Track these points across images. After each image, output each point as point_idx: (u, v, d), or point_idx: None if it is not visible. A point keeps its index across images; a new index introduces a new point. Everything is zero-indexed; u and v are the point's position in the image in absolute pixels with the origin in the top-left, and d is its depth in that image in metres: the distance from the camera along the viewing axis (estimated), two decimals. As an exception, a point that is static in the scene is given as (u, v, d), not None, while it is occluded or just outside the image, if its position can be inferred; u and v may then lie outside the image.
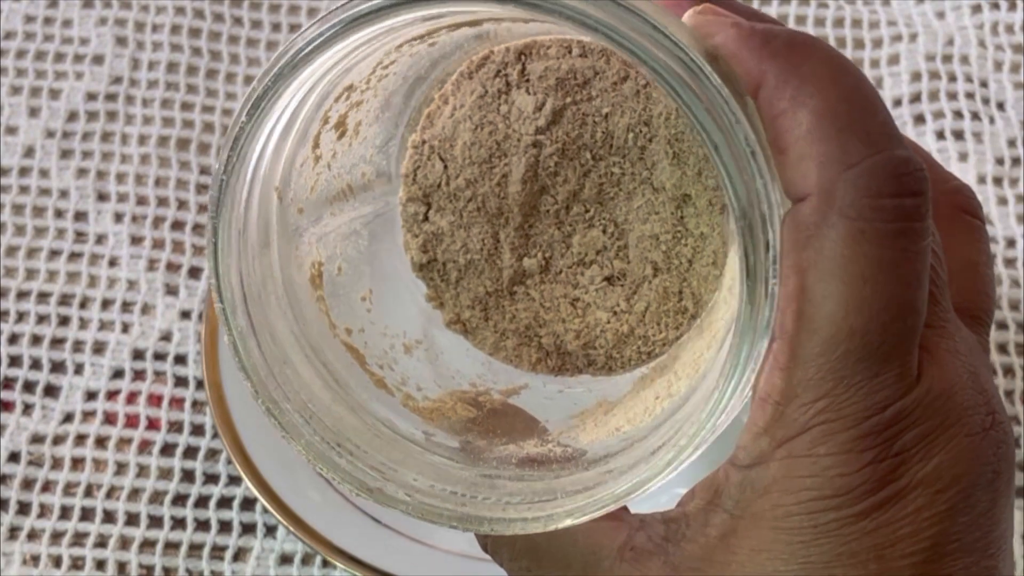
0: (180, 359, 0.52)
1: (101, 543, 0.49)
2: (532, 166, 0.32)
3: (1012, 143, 0.54)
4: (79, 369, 0.52)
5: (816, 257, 0.25)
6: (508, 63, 0.32)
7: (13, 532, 0.49)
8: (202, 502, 0.49)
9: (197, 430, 0.50)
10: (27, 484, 0.50)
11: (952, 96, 0.55)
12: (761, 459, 0.26)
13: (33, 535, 0.49)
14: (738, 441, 0.27)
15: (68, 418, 0.51)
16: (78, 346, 0.52)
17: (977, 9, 0.57)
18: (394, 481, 0.30)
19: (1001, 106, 0.55)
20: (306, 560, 0.48)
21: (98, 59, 0.58)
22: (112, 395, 0.51)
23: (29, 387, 0.51)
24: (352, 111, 0.33)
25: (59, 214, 0.55)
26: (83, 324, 0.53)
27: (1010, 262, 0.52)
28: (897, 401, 0.25)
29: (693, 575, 0.27)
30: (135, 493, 0.49)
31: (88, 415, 0.51)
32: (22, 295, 0.53)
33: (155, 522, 0.49)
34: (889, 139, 0.25)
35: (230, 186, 0.30)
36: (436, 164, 0.33)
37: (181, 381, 0.51)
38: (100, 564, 0.48)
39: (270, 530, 0.49)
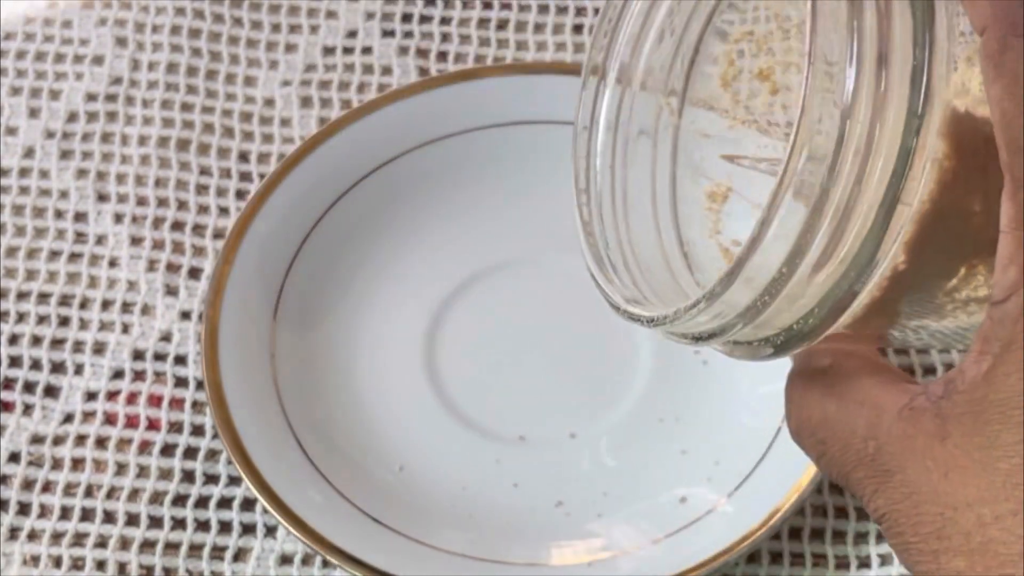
0: (180, 360, 0.52)
1: (101, 543, 0.49)
2: None
3: None
4: (79, 370, 0.52)
5: (999, 83, 0.26)
6: None
7: (13, 532, 0.49)
8: (202, 502, 0.49)
9: (197, 430, 0.50)
10: (27, 484, 0.50)
11: None
12: (1013, 289, 0.26)
13: (33, 535, 0.49)
14: (992, 281, 0.27)
15: (68, 418, 0.51)
16: (78, 347, 0.52)
17: None
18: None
19: None
20: (306, 560, 0.48)
21: (98, 60, 0.58)
22: (112, 396, 0.51)
23: (29, 387, 0.51)
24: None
25: (59, 215, 0.55)
26: (83, 325, 0.53)
27: None
28: None
29: (958, 421, 0.27)
30: (135, 493, 0.49)
31: (88, 416, 0.51)
32: (22, 296, 0.53)
33: (155, 522, 0.49)
34: None
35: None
36: None
37: (181, 382, 0.51)
38: (100, 564, 0.48)
39: (270, 530, 0.49)
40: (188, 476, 0.50)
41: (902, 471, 0.29)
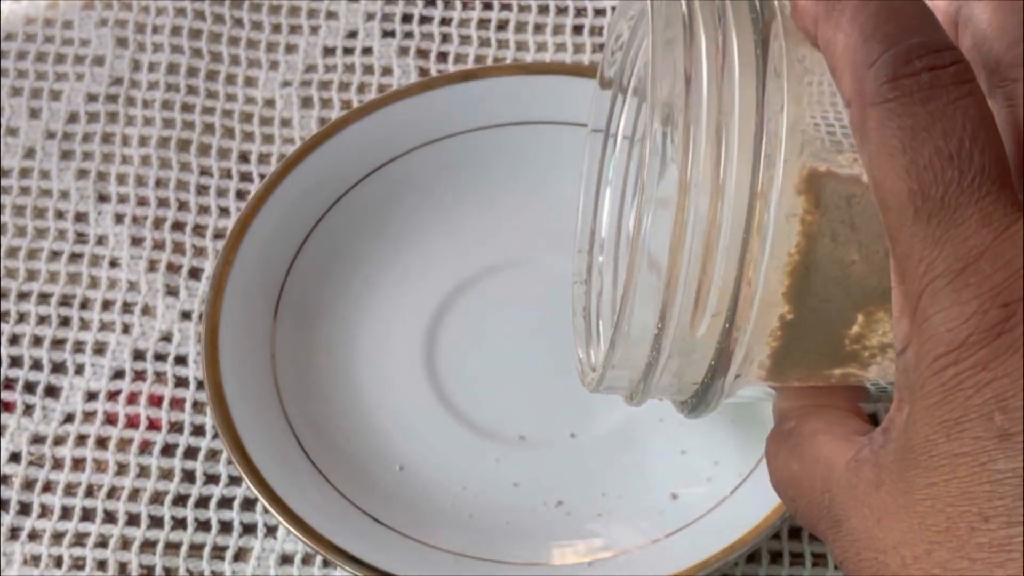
0: (180, 360, 0.52)
1: (102, 543, 0.49)
2: None
3: None
4: (80, 370, 0.52)
5: (865, 150, 0.27)
6: None
7: (14, 532, 0.49)
8: (203, 502, 0.49)
9: (198, 430, 0.50)
10: (28, 484, 0.50)
11: None
12: (907, 340, 0.27)
13: (34, 535, 0.49)
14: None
15: (69, 419, 0.51)
16: (79, 347, 0.52)
17: None
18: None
19: None
20: (306, 560, 0.48)
21: (98, 60, 0.58)
22: (113, 396, 0.51)
23: (30, 388, 0.51)
24: None
25: (60, 215, 0.55)
26: (84, 325, 0.53)
27: None
28: (989, 247, 0.25)
29: (888, 469, 0.28)
30: (136, 493, 0.49)
31: (89, 416, 0.51)
32: (23, 296, 0.53)
33: (156, 522, 0.49)
34: (911, 32, 0.27)
35: None
36: None
37: (181, 382, 0.51)
38: (101, 564, 0.48)
39: (270, 530, 0.49)
40: (188, 476, 0.50)
41: (847, 519, 0.30)
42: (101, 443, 0.50)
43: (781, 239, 0.30)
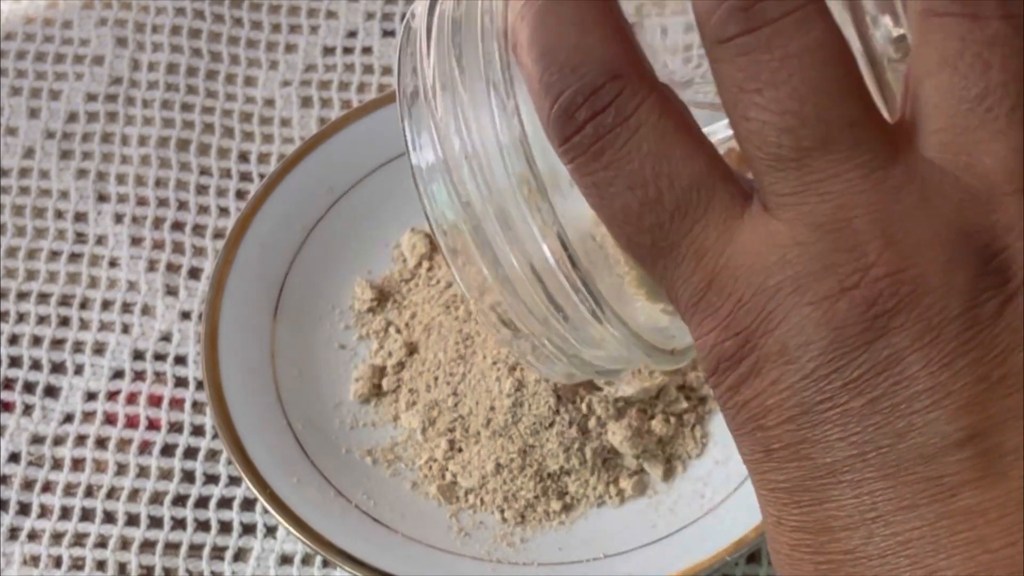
0: (180, 360, 0.52)
1: (101, 543, 0.49)
2: None
3: None
4: (79, 370, 0.52)
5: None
6: None
7: (13, 532, 0.49)
8: (202, 503, 0.49)
9: (197, 431, 0.50)
10: (27, 485, 0.50)
11: None
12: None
13: (33, 535, 0.49)
14: None
15: (68, 419, 0.51)
16: (78, 347, 0.52)
17: None
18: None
19: None
20: (306, 560, 0.48)
21: (98, 60, 0.58)
22: (112, 396, 0.51)
23: (29, 388, 0.51)
24: None
25: (59, 215, 0.55)
26: (83, 325, 0.53)
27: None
28: (712, 280, 0.25)
29: None
30: (135, 494, 0.49)
31: (88, 416, 0.51)
32: (22, 296, 0.53)
33: (155, 523, 0.49)
34: (569, 71, 0.25)
35: None
36: None
37: (181, 382, 0.51)
38: (100, 564, 0.48)
39: (270, 530, 0.49)
40: (188, 476, 0.50)
41: None
42: (101, 443, 0.50)
43: (603, 262, 0.29)
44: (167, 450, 0.50)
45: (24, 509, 0.49)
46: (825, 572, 0.25)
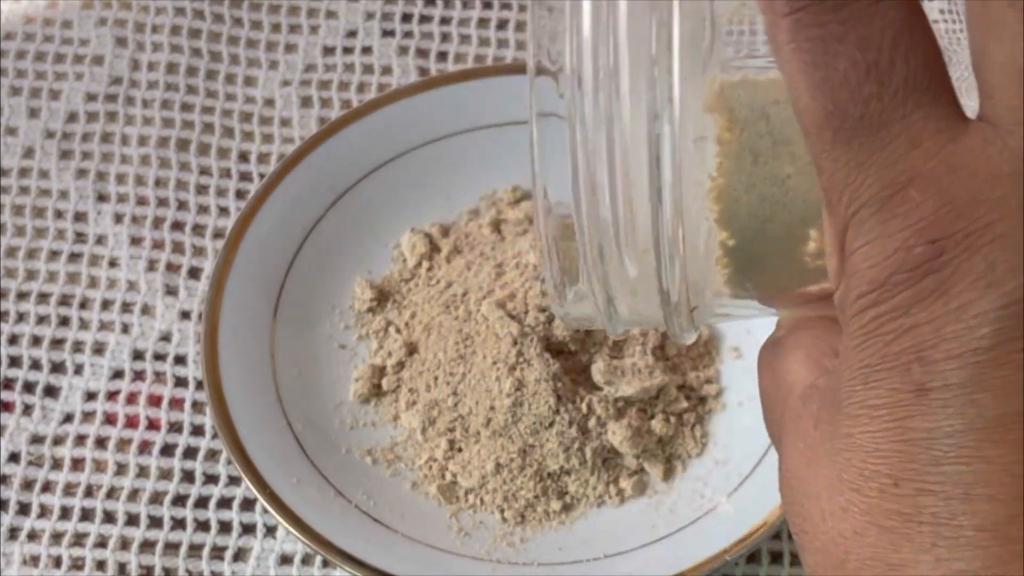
0: (180, 359, 0.52)
1: (101, 543, 0.49)
2: None
3: None
4: (79, 370, 0.52)
5: (780, 65, 0.24)
6: None
7: (13, 532, 0.49)
8: (202, 502, 0.49)
9: (197, 430, 0.50)
10: (27, 484, 0.50)
11: None
12: (837, 278, 0.24)
13: (33, 535, 0.49)
14: None
15: (68, 418, 0.51)
16: (78, 347, 0.52)
17: None
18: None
19: None
20: (306, 560, 0.48)
21: (98, 60, 0.58)
22: (112, 395, 0.51)
23: (29, 387, 0.51)
24: None
25: (59, 215, 0.55)
26: (83, 325, 0.53)
27: None
28: (920, 171, 0.22)
29: (828, 407, 0.25)
30: (135, 494, 0.49)
31: (88, 415, 0.51)
32: (22, 296, 0.53)
33: (155, 522, 0.49)
34: None
35: None
36: None
37: (181, 381, 0.51)
38: (100, 564, 0.48)
39: (270, 530, 0.49)
40: (188, 476, 0.50)
41: (787, 453, 0.27)
42: (100, 443, 0.50)
43: (694, 165, 0.27)
44: (167, 450, 0.50)
45: (24, 509, 0.49)
46: None
